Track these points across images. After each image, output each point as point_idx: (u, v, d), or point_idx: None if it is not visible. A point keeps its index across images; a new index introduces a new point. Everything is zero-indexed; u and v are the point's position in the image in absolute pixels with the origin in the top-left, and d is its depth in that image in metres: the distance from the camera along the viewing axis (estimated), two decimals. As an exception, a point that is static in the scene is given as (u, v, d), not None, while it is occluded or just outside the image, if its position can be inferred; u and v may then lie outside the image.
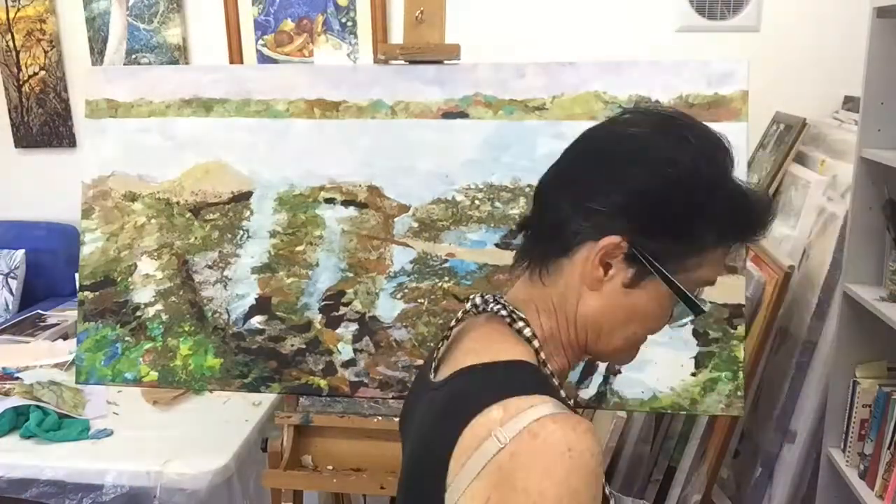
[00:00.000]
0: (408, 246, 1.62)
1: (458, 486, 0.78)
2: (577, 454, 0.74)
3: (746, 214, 0.91)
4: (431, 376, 0.95)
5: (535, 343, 0.89)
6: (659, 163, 0.87)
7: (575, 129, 0.97)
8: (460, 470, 0.78)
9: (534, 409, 0.78)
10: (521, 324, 0.90)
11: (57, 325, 2.72)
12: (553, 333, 0.93)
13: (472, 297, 0.97)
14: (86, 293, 1.70)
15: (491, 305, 0.94)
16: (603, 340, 0.94)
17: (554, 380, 0.90)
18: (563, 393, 0.90)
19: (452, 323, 0.97)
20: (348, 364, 1.63)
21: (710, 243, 0.89)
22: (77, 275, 1.71)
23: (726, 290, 1.51)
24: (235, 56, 3.11)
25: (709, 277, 0.93)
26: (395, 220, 1.62)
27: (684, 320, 1.02)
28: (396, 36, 3.01)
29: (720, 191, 0.88)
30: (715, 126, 1.58)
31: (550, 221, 0.92)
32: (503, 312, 0.92)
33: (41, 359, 2.37)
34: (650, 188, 0.87)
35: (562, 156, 0.96)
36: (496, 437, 0.76)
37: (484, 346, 0.90)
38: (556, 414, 0.78)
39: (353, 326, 1.63)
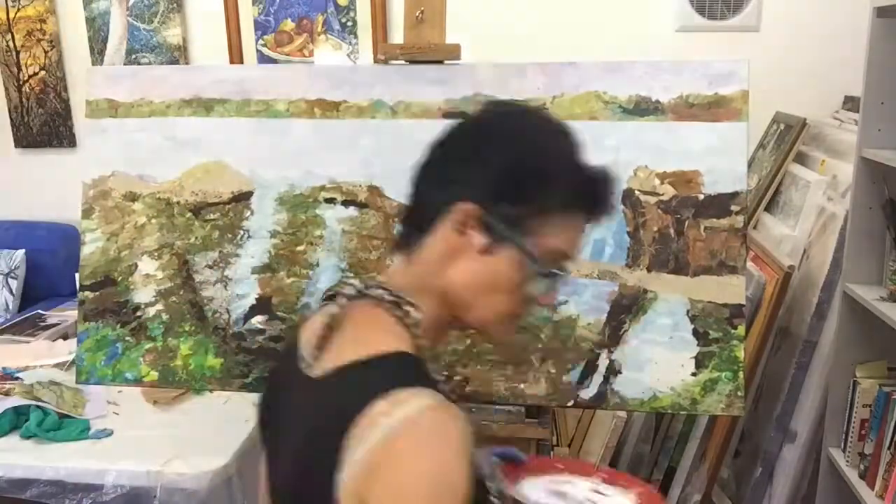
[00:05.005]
0: (408, 246, 1.62)
1: (349, 476, 0.84)
2: (451, 438, 0.84)
3: (587, 184, 0.99)
4: (306, 365, 0.99)
5: (417, 329, 0.97)
6: (504, 135, 0.99)
7: (575, 129, 0.98)
8: (350, 460, 0.84)
9: (415, 400, 0.86)
10: (408, 308, 0.97)
11: (57, 325, 2.71)
12: (429, 313, 0.99)
13: (350, 281, 1.04)
14: (86, 293, 1.70)
15: (373, 290, 1.00)
16: (473, 313, 1.01)
17: (428, 364, 0.96)
18: (436, 376, 0.97)
19: (335, 310, 1.00)
20: (348, 364, 1.63)
21: (553, 208, 0.97)
22: (77, 275, 1.71)
23: (726, 290, 1.51)
24: (235, 56, 3.11)
25: (559, 247, 0.99)
26: (396, 220, 1.62)
27: (557, 298, 1.10)
28: (396, 36, 3.01)
29: (562, 161, 0.99)
30: (715, 126, 1.58)
31: (413, 204, 1.03)
32: (387, 298, 0.98)
33: (41, 359, 2.36)
34: (496, 157, 0.97)
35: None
36: (382, 428, 0.84)
37: (367, 337, 0.95)
38: (435, 404, 0.87)
39: (354, 326, 1.63)
